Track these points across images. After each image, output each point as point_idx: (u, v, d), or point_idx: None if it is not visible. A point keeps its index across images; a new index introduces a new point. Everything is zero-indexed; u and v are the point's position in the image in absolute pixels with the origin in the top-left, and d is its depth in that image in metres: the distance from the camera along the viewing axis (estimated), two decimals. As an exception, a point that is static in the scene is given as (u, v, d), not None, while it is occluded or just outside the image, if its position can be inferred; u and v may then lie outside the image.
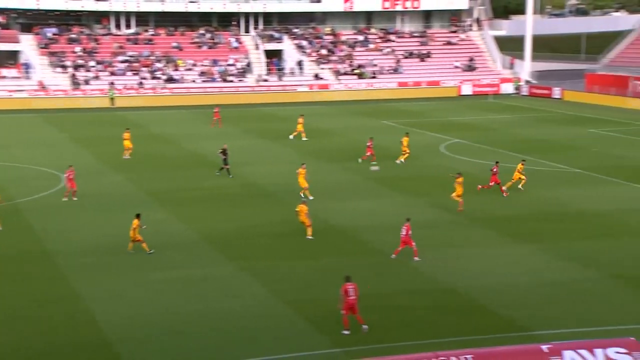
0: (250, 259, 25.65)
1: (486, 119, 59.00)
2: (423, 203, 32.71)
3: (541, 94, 72.91)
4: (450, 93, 74.48)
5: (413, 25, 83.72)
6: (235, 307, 21.45)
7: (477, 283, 23.17)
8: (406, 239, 25.06)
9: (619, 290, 22.55)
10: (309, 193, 33.06)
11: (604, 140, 48.24)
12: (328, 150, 45.35)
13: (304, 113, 53.60)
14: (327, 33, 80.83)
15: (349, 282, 19.50)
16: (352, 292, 19.34)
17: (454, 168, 40.03)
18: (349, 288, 19.37)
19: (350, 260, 25.41)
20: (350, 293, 19.31)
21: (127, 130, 44.39)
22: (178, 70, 72.86)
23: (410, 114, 61.67)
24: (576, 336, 18.27)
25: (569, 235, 28.02)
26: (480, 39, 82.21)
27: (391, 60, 78.27)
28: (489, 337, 19.03)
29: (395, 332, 19.70)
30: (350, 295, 19.28)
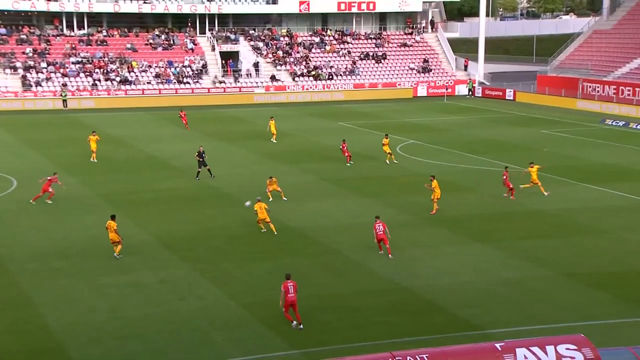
0: (205, 261, 25.47)
1: (441, 120, 59.64)
2: (379, 203, 32.90)
3: (494, 95, 74.01)
4: (405, 94, 75.10)
5: (368, 26, 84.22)
6: (189, 310, 21.28)
7: (432, 283, 23.40)
8: (382, 236, 25.47)
9: (570, 288, 22.98)
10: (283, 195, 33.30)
11: (555, 141, 49.16)
12: (285, 152, 45.31)
13: (268, 115, 53.40)
14: (284, 35, 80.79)
15: (289, 280, 19.91)
16: (291, 289, 19.75)
17: (411, 169, 40.42)
18: (289, 286, 19.77)
19: (307, 261, 25.43)
20: (290, 291, 19.74)
21: (93, 132, 43.76)
22: (132, 72, 72.01)
23: (366, 116, 62.00)
24: (529, 334, 18.57)
25: (521, 234, 28.47)
26: (434, 41, 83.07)
27: (347, 61, 78.60)
28: (444, 336, 19.23)
29: (351, 333, 19.76)
30: (290, 293, 19.72)
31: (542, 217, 30.75)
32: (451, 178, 37.89)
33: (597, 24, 78.27)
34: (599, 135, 51.10)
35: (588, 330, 17.66)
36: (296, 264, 25.20)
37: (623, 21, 75.62)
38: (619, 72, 68.15)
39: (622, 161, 42.18)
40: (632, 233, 28.27)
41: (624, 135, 51.47)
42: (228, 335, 19.75)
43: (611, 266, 24.83)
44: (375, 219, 26.06)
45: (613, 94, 65.55)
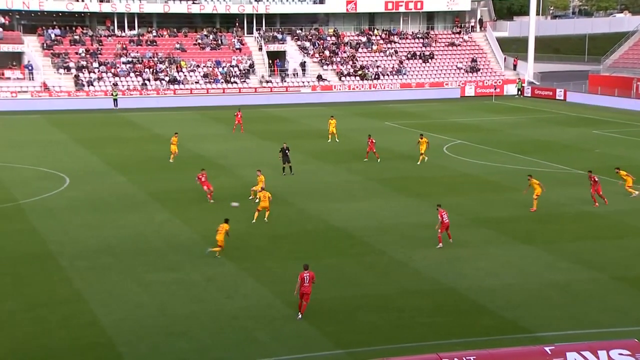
0: (251, 260, 25.64)
1: (489, 120, 58.92)
2: (426, 204, 32.65)
3: (544, 95, 72.82)
4: (453, 94, 74.42)
5: (416, 26, 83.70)
6: (235, 308, 21.44)
7: (478, 284, 23.13)
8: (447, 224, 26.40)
9: (621, 291, 22.48)
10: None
11: (607, 142, 48.15)
12: (331, 152, 45.32)
13: (316, 114, 53.48)
14: (330, 34, 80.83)
15: (305, 271, 20.31)
16: (307, 280, 20.13)
17: (457, 169, 40.01)
18: (305, 276, 20.17)
19: (351, 261, 25.41)
20: (305, 281, 20.12)
21: (175, 134, 44.15)
22: (181, 72, 72.93)
23: (413, 115, 61.62)
24: (579, 338, 18.23)
25: (569, 236, 27.95)
26: (483, 40, 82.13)
27: (394, 61, 78.24)
28: (491, 338, 18.99)
29: (396, 333, 19.67)
30: (305, 283, 20.10)
31: (591, 218, 30.15)
32: (497, 178, 37.42)
33: (652, 21, 76.41)
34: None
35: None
36: (341, 263, 25.19)
37: (679, 19, 73.65)
38: (674, 71, 66.44)
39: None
40: (686, 236, 27.52)
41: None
42: (273, 333, 19.84)
43: (664, 270, 24.21)
44: (437, 207, 26.82)
45: (668, 93, 63.94)
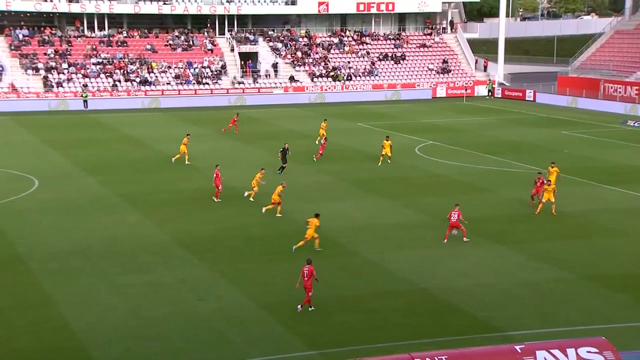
0: (224, 261, 25.55)
1: (460, 120, 59.37)
2: (397, 204, 32.82)
3: (514, 96, 73.57)
4: (425, 95, 74.89)
5: (387, 27, 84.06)
6: (207, 310, 21.35)
7: (451, 284, 23.29)
8: (455, 223, 27.01)
9: (590, 290, 22.79)
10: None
11: (575, 142, 48.78)
12: (303, 153, 45.32)
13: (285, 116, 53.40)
14: (302, 35, 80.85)
15: (306, 265, 21.12)
16: (305, 274, 20.91)
17: (429, 170, 40.26)
18: (304, 270, 21.03)
19: (325, 262, 25.39)
20: (304, 275, 20.93)
21: (187, 135, 43.68)
22: (152, 73, 72.41)
23: (385, 116, 61.85)
24: (549, 336, 18.44)
25: (541, 236, 28.26)
26: (454, 42, 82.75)
27: (366, 62, 78.52)
28: (463, 338, 19.13)
29: (370, 334, 19.73)
30: (304, 277, 20.89)
31: (562, 218, 30.50)
32: (470, 179, 37.73)
33: (619, 24, 77.56)
34: (621, 137, 50.62)
35: (609, 333, 17.49)
36: (314, 265, 25.12)
37: (645, 21, 74.94)
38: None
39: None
40: (653, 235, 27.99)
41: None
42: (246, 335, 19.79)
43: (632, 268, 24.58)
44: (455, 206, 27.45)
45: (635, 94, 64.92)
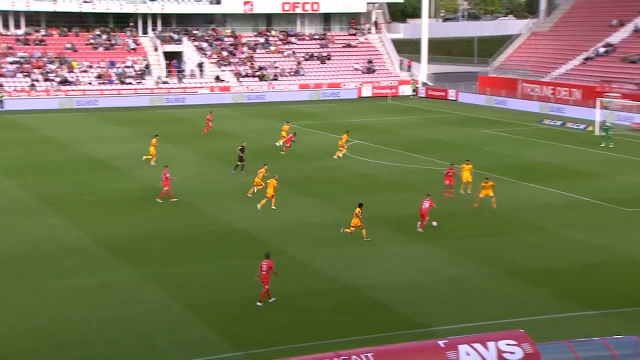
0: (150, 264, 25.15)
1: (385, 120, 60.16)
2: (325, 204, 33.02)
3: (437, 95, 75.05)
4: (350, 95, 75.56)
5: (313, 27, 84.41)
6: (132, 314, 20.98)
7: (378, 282, 23.60)
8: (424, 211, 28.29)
9: (510, 284, 23.46)
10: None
11: (496, 140, 50.13)
12: (230, 153, 45.02)
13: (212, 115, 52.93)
14: (228, 35, 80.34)
15: (264, 260, 21.44)
16: (264, 268, 21.25)
17: (356, 169, 40.64)
18: (262, 264, 21.36)
19: (253, 262, 25.24)
20: (262, 269, 21.26)
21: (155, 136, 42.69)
22: (73, 72, 70.56)
23: (312, 116, 62.08)
24: (471, 330, 18.87)
25: (464, 232, 28.94)
26: (378, 42, 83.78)
27: (292, 62, 78.63)
28: (389, 334, 19.40)
29: (298, 333, 19.79)
30: (262, 271, 21.21)
31: (483, 215, 31.31)
32: (395, 178, 38.29)
33: (535, 25, 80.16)
34: (538, 135, 52.30)
35: (528, 326, 18.09)
36: (242, 265, 25.11)
37: (559, 23, 77.64)
38: (556, 72, 69.93)
39: (560, 160, 43.26)
40: (569, 230, 29.03)
41: (561, 134, 52.81)
42: (172, 338, 19.54)
43: (549, 262, 25.45)
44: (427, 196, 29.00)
45: (551, 94, 67.23)
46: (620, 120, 55.49)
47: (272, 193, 31.65)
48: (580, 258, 25.80)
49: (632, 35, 68.34)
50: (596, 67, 66.89)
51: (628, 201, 33.08)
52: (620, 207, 32.20)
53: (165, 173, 33.39)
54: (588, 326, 19.91)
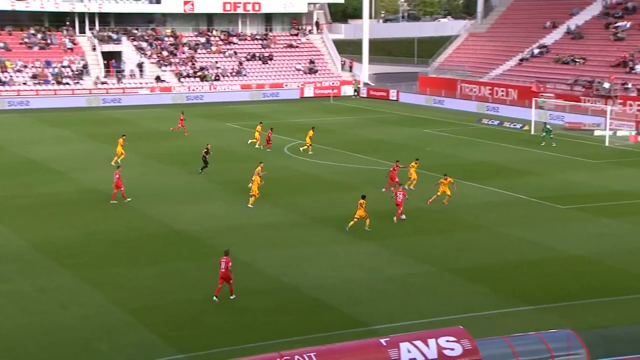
0: (88, 267, 24.69)
1: (328, 120, 60.38)
2: (267, 204, 32.97)
3: (379, 95, 75.73)
4: (293, 95, 75.62)
5: (254, 27, 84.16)
6: (70, 319, 20.56)
7: (320, 282, 23.70)
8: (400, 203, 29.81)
9: (450, 282, 23.87)
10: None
11: (436, 140, 50.88)
12: (172, 154, 44.57)
13: (151, 117, 52.24)
14: (168, 35, 79.39)
15: (223, 256, 21.78)
16: (222, 265, 21.58)
17: (298, 169, 40.71)
18: (221, 261, 21.67)
19: (195, 264, 25.16)
20: (221, 266, 21.58)
21: (122, 136, 41.91)
22: (6, 72, 68.64)
23: (254, 116, 61.82)
24: (413, 328, 19.12)
25: (405, 231, 29.29)
26: (320, 42, 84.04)
27: (234, 62, 78.25)
28: (331, 334, 19.50)
29: (240, 335, 19.73)
30: (221, 269, 21.54)
31: (424, 214, 31.75)
32: (338, 178, 38.49)
33: (473, 27, 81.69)
34: (476, 134, 53.29)
35: (467, 322, 18.42)
36: (184, 267, 24.90)
37: (496, 25, 79.31)
38: (494, 73, 71.41)
39: (497, 159, 44.18)
40: (506, 227, 29.69)
41: (498, 134, 53.93)
42: (112, 342, 19.23)
43: (487, 260, 25.98)
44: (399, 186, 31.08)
45: (488, 94, 68.61)
46: (553, 119, 56.98)
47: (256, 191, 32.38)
48: (517, 255, 26.42)
49: (564, 36, 70.32)
50: (531, 68, 68.59)
51: (563, 198, 34.02)
52: (555, 204, 33.08)
53: (117, 174, 33.07)
54: (525, 321, 20.40)
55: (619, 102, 56.51)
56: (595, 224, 30.02)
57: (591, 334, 18.88)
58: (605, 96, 58.08)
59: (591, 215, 31.33)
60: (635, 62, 60.27)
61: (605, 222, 30.22)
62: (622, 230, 29.12)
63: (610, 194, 35.02)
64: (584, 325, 19.90)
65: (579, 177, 38.65)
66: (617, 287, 23.10)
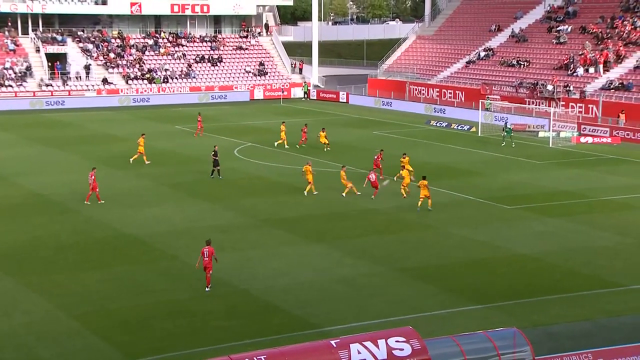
0: (33, 273, 24.17)
1: (278, 122, 60.25)
2: (217, 207, 32.78)
3: (329, 98, 75.99)
4: (243, 97, 75.33)
5: (203, 29, 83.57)
6: (14, 326, 20.09)
7: (271, 284, 23.66)
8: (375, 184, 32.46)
9: (400, 282, 24.08)
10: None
11: (385, 141, 51.24)
12: (119, 157, 43.91)
13: (100, 119, 51.26)
14: (115, 36, 78.24)
15: (206, 246, 22.65)
16: (206, 254, 22.52)
17: (248, 172, 40.55)
18: (204, 251, 22.59)
19: (143, 268, 24.86)
20: (204, 255, 22.55)
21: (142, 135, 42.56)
22: (-53, 73, 66.78)
23: (203, 119, 61.37)
24: (363, 329, 19.22)
25: (355, 232, 29.45)
26: (270, 45, 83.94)
27: (183, 64, 77.54)
28: (282, 336, 19.50)
29: (190, 339, 19.55)
30: (205, 258, 22.52)
31: (374, 215, 31.98)
32: (288, 180, 38.49)
33: (421, 29, 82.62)
34: (425, 136, 53.92)
35: (416, 322, 18.69)
36: (132, 271, 24.58)
37: (443, 28, 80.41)
38: (441, 75, 72.39)
39: (446, 160, 44.78)
40: (455, 227, 30.11)
41: (446, 135, 54.66)
42: (58, 349, 18.86)
43: (436, 259, 26.31)
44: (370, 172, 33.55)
45: (437, 96, 69.51)
46: (497, 120, 58.02)
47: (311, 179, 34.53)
48: (465, 254, 26.82)
49: (509, 40, 71.69)
50: (478, 70, 69.74)
51: (509, 199, 34.67)
52: (502, 204, 33.69)
53: (92, 175, 32.81)
54: (472, 320, 20.73)
55: (562, 104, 57.89)
56: (539, 223, 30.66)
57: (536, 332, 19.35)
58: (548, 98, 59.46)
59: (536, 214, 32.01)
60: (576, 65, 61.83)
61: (549, 222, 30.90)
62: (565, 229, 29.82)
63: (554, 193, 35.85)
64: (529, 323, 20.34)
65: (525, 178, 39.45)
66: (561, 285, 23.65)
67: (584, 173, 41.01)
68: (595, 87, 59.20)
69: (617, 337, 19.18)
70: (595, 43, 63.45)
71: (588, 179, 39.33)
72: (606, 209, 32.99)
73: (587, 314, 21.26)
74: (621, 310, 21.56)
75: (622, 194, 35.50)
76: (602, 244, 27.95)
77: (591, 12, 68.74)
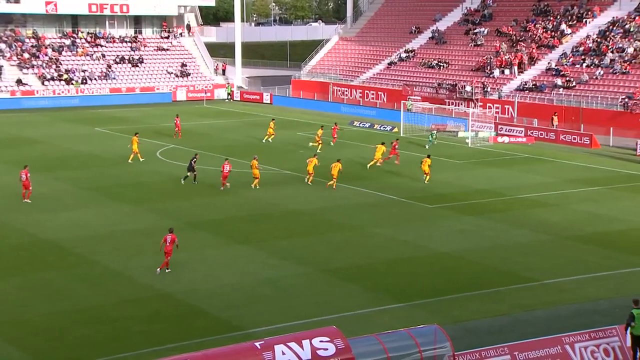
0: (-56, 283, 23.20)
1: (201, 124, 59.77)
2: (139, 210, 32.24)
3: (252, 99, 75.77)
4: (165, 98, 74.25)
5: (123, 30, 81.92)
6: None
7: (195, 287, 23.44)
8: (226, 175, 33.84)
9: (325, 283, 24.24)
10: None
11: (310, 142, 51.42)
12: (36, 160, 42.56)
13: (11, 122, 49.53)
14: (29, 36, 75.77)
15: (168, 234, 24.39)
16: (168, 241, 24.10)
17: (172, 174, 39.99)
18: (166, 237, 24.20)
19: (62, 274, 24.23)
20: (167, 241, 24.09)
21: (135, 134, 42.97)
22: None
23: (124, 121, 60.28)
24: (288, 330, 19.27)
25: (280, 234, 29.49)
26: (192, 45, 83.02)
27: (102, 65, 75.82)
28: (206, 339, 19.34)
29: (112, 345, 19.17)
30: (166, 243, 24.07)
31: (299, 216, 32.10)
32: (212, 181, 38.17)
33: (343, 31, 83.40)
34: (349, 137, 54.38)
35: (341, 322, 18.88)
36: (50, 277, 23.92)
37: (365, 29, 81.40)
38: (364, 76, 73.25)
39: (368, 160, 45.30)
40: (378, 227, 30.53)
41: (369, 135, 55.30)
42: (-28, 361, 18.19)
43: (360, 259, 26.62)
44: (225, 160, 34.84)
45: (359, 97, 70.30)
46: (420, 121, 59.12)
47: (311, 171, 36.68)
48: (388, 254, 27.23)
49: (429, 41, 73.21)
50: (399, 71, 70.93)
51: (430, 198, 35.39)
52: (423, 204, 34.36)
53: (26, 173, 32.36)
54: (396, 318, 21.08)
55: (480, 104, 59.50)
56: (459, 222, 31.42)
57: (456, 328, 19.85)
58: (467, 99, 61.01)
59: (455, 213, 32.79)
60: (492, 67, 63.65)
61: (468, 220, 31.71)
62: (482, 227, 30.67)
63: (473, 192, 36.81)
64: (449, 319, 20.84)
65: (445, 177, 40.33)
66: (479, 282, 24.32)
67: (501, 172, 42.27)
68: (511, 88, 61.16)
69: (532, 331, 19.87)
70: (510, 45, 65.51)
71: (505, 178, 40.57)
72: (522, 206, 34.11)
73: (504, 309, 21.94)
74: (535, 304, 22.35)
75: (536, 192, 36.79)
76: (518, 240, 28.89)
77: (505, 15, 70.98)
